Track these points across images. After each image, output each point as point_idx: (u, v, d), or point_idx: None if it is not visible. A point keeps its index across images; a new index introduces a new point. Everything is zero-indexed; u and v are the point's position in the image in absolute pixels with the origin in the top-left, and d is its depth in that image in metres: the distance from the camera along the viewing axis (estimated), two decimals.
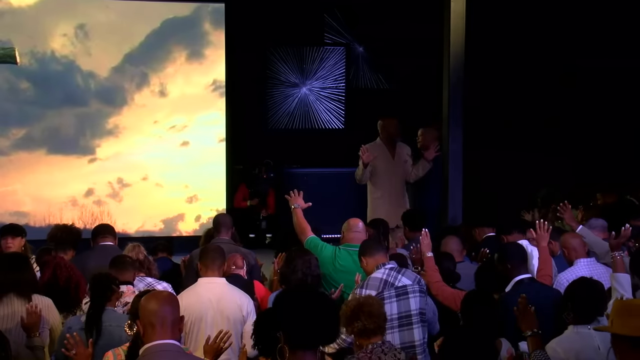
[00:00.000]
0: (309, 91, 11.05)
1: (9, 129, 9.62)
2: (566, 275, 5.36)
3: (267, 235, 10.36)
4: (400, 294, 4.94)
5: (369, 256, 5.12)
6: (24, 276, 4.96)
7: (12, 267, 4.97)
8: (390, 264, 5.07)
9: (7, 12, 9.52)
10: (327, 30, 11.10)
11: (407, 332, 4.90)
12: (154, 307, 3.38)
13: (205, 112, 10.16)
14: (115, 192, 9.96)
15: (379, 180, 8.12)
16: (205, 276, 5.21)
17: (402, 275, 5.00)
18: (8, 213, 9.53)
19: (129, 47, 9.90)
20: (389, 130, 8.24)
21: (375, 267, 5.05)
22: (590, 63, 10.58)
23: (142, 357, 3.35)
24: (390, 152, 8.21)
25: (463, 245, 6.15)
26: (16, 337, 4.66)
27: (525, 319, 4.22)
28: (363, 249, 5.20)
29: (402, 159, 8.22)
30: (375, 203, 8.12)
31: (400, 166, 8.20)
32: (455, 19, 7.55)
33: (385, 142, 8.24)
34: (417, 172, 8.19)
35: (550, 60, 10.62)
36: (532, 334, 4.14)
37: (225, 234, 6.36)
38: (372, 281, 4.99)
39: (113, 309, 4.78)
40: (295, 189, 6.27)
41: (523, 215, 8.30)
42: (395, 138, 8.25)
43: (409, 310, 4.94)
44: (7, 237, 6.35)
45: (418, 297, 4.98)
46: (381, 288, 4.92)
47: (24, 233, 6.48)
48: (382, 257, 5.11)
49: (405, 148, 8.29)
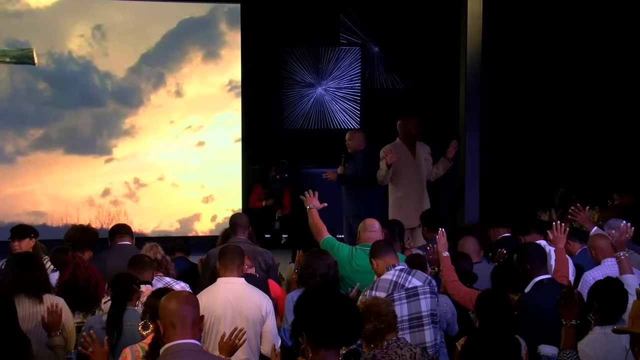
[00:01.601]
0: (325, 91, 11.06)
1: (26, 130, 9.68)
2: (593, 273, 5.34)
3: (283, 235, 10.38)
4: (411, 295, 4.92)
5: (379, 258, 5.11)
6: (34, 276, 4.95)
7: (21, 268, 4.97)
8: (401, 266, 5.07)
9: (25, 13, 9.59)
10: (343, 30, 11.11)
11: (418, 333, 4.88)
12: (174, 306, 3.39)
13: (221, 112, 10.19)
14: (132, 192, 10.01)
15: (400, 180, 8.13)
16: (224, 276, 5.20)
17: (412, 276, 4.99)
18: (26, 213, 9.59)
19: (145, 47, 9.95)
20: (409, 130, 8.25)
21: (385, 268, 5.04)
22: (607, 63, 10.53)
23: (163, 356, 3.36)
24: (410, 152, 8.22)
25: (480, 246, 6.13)
26: (35, 337, 4.67)
27: (568, 308, 4.07)
28: (373, 251, 5.19)
29: (423, 158, 8.23)
30: (396, 203, 8.12)
31: (421, 166, 8.21)
32: (472, 19, 7.54)
33: (405, 142, 8.24)
34: (438, 171, 8.21)
35: (566, 60, 10.57)
36: (571, 325, 4.02)
37: (242, 234, 6.35)
38: (381, 283, 4.98)
39: (134, 308, 4.81)
40: (311, 190, 6.28)
41: (540, 216, 8.29)
42: (415, 138, 8.27)
43: (419, 312, 4.92)
44: (14, 239, 6.35)
45: (429, 299, 4.96)
46: (391, 290, 4.90)
47: (32, 233, 6.45)
48: (392, 259, 5.10)
49: (425, 147, 8.30)
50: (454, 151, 8.08)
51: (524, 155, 10.48)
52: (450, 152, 8.08)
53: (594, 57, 10.57)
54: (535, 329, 4.69)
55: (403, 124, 8.32)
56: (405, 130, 8.26)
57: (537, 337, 4.63)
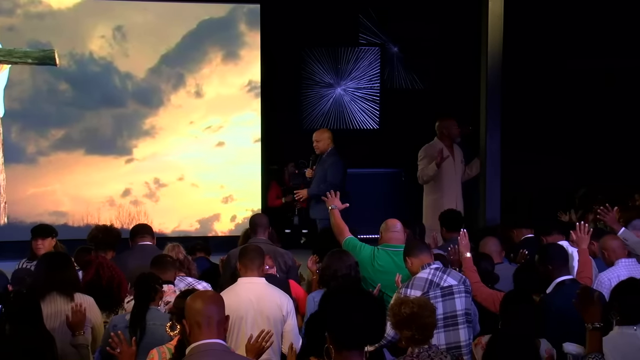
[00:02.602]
0: (344, 91, 11.06)
1: (48, 130, 9.75)
2: (607, 274, 5.32)
3: (303, 231, 10.36)
4: (446, 294, 4.93)
5: (414, 256, 5.12)
6: (66, 275, 5.02)
7: (54, 267, 5.03)
8: (436, 264, 5.07)
9: (47, 14, 9.66)
10: (362, 30, 11.11)
11: (452, 332, 4.89)
12: (199, 306, 3.39)
13: (240, 112, 10.22)
14: (152, 192, 10.06)
15: (439, 180, 8.14)
16: (245, 276, 5.22)
17: (447, 275, 5.00)
18: (47, 213, 9.66)
19: (165, 48, 9.99)
20: (450, 131, 8.28)
21: (421, 267, 5.05)
22: (628, 63, 10.47)
23: (188, 356, 3.37)
24: (450, 153, 8.23)
25: (502, 247, 6.11)
26: (61, 335, 4.72)
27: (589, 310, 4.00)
28: (408, 249, 5.20)
29: (460, 159, 8.25)
30: (433, 204, 8.13)
31: (459, 166, 8.25)
32: (493, 18, 7.51)
33: (445, 142, 8.25)
34: (470, 171, 8.23)
35: (588, 60, 10.51)
36: (594, 328, 3.96)
37: (262, 234, 6.38)
38: (417, 281, 4.98)
39: (156, 308, 4.83)
40: (332, 190, 6.28)
41: (560, 216, 8.25)
42: (455, 138, 8.27)
43: (454, 311, 4.93)
44: (38, 238, 6.41)
45: (464, 297, 4.97)
46: (426, 288, 4.91)
47: (54, 233, 6.52)
48: (427, 257, 5.10)
49: (459, 149, 8.32)
50: None
51: (543, 155, 10.44)
52: None
53: (615, 56, 10.51)
54: (557, 330, 4.67)
55: (443, 124, 8.32)
56: (446, 130, 8.28)
57: (559, 338, 4.61)
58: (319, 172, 8.20)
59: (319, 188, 8.06)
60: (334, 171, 8.13)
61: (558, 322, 4.71)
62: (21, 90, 9.66)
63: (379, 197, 10.02)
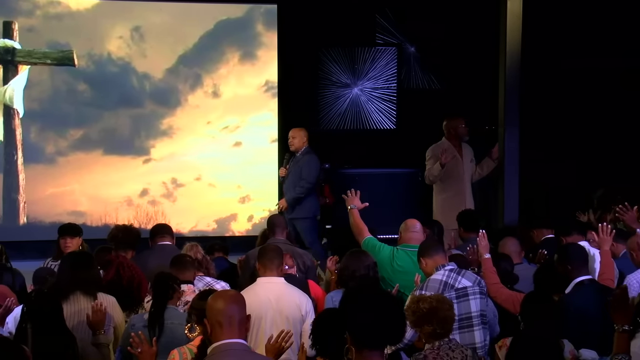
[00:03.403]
0: (361, 92, 11.05)
1: (67, 130, 9.81)
2: (636, 276, 5.28)
3: (326, 226, 10.35)
4: (461, 296, 4.91)
5: (428, 257, 5.11)
6: (89, 274, 5.04)
7: (78, 266, 5.06)
8: (450, 265, 5.05)
9: (66, 15, 9.72)
10: (379, 30, 11.09)
11: (467, 334, 4.87)
12: (221, 306, 3.40)
13: (257, 112, 10.24)
14: (170, 192, 10.09)
15: (447, 180, 8.12)
16: (264, 276, 5.24)
17: (462, 276, 4.98)
18: (66, 212, 9.71)
19: (182, 48, 10.03)
20: (458, 130, 8.24)
21: (435, 268, 5.03)
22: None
23: (210, 356, 3.38)
24: (458, 152, 8.19)
25: (521, 247, 6.09)
26: (82, 334, 4.74)
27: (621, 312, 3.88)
28: (422, 250, 5.19)
29: (469, 158, 8.22)
30: (442, 203, 8.10)
31: (468, 166, 8.21)
32: (512, 18, 7.48)
33: (452, 141, 8.21)
34: (482, 171, 8.19)
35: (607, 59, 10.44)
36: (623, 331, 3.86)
37: (280, 235, 6.40)
38: (431, 282, 4.97)
39: (175, 307, 4.85)
40: (352, 189, 6.28)
41: (578, 217, 8.20)
42: (463, 137, 8.24)
43: (469, 312, 4.91)
44: (66, 237, 6.47)
45: (478, 299, 4.95)
46: (441, 289, 4.89)
47: (81, 232, 6.59)
48: (441, 259, 5.09)
49: (470, 148, 8.28)
50: (498, 152, 8.04)
51: (560, 155, 10.38)
52: (495, 152, 8.05)
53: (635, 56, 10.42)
54: (576, 330, 4.64)
55: (451, 123, 8.28)
56: (453, 129, 8.24)
57: (578, 339, 4.58)
58: (294, 170, 8.15)
59: (296, 191, 8.05)
60: (308, 169, 8.11)
61: (577, 323, 4.69)
62: (40, 90, 9.72)
63: (396, 197, 9.98)
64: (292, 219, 8.19)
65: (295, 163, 8.15)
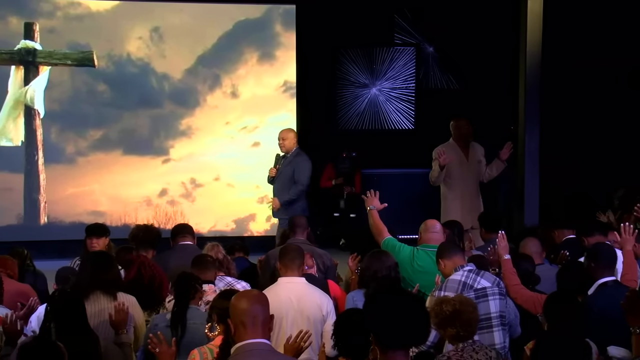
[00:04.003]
0: (379, 92, 11.04)
1: (87, 131, 9.88)
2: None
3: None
4: (480, 296, 4.88)
5: (447, 258, 5.08)
6: (109, 274, 5.05)
7: (98, 266, 5.08)
8: (469, 266, 5.03)
9: (86, 16, 9.79)
10: (397, 30, 11.08)
11: (487, 335, 4.83)
12: (245, 306, 3.39)
13: (276, 113, 10.26)
14: (188, 192, 10.14)
15: (452, 181, 8.03)
16: (285, 276, 5.24)
17: (481, 277, 4.95)
18: (86, 212, 9.78)
19: (201, 49, 10.07)
20: (461, 131, 8.15)
21: (454, 269, 5.02)
22: None
23: (233, 356, 3.37)
24: (463, 153, 8.12)
25: (542, 247, 6.05)
26: (103, 334, 4.76)
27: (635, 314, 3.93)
28: (441, 252, 5.17)
29: (476, 159, 8.11)
30: (448, 204, 8.03)
31: (474, 167, 8.09)
32: (532, 18, 7.44)
33: (458, 142, 8.14)
34: (491, 172, 8.08)
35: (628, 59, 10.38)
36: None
37: (300, 235, 6.40)
38: (450, 283, 4.95)
39: (197, 307, 4.86)
40: (371, 190, 6.27)
41: (598, 217, 8.15)
42: (468, 138, 8.16)
43: (488, 313, 4.87)
44: (92, 237, 6.50)
45: (498, 300, 4.91)
46: (460, 290, 4.87)
47: (108, 232, 6.62)
48: (460, 259, 5.07)
49: (479, 148, 8.18)
50: (508, 153, 7.96)
51: (579, 155, 10.33)
52: (504, 153, 7.96)
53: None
54: (599, 332, 4.60)
55: (455, 124, 8.22)
56: (457, 130, 8.16)
57: (602, 340, 4.55)
58: (286, 171, 8.11)
59: (290, 194, 8.02)
60: (301, 172, 8.05)
61: (600, 324, 4.65)
62: (61, 91, 9.80)
63: (414, 198, 9.97)
64: (283, 219, 8.15)
65: (287, 164, 8.10)
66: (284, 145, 8.15)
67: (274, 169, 8.16)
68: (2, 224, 9.65)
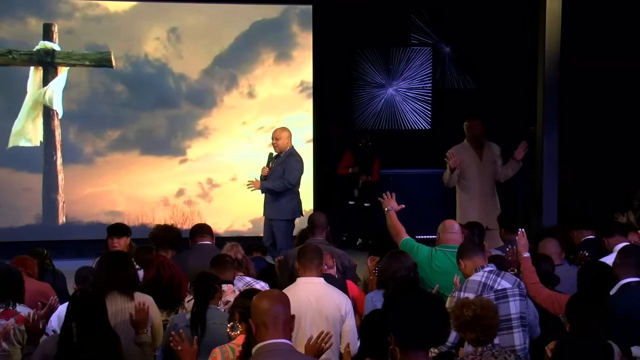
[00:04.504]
0: (396, 92, 11.04)
1: (104, 131, 9.93)
2: None
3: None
4: (500, 297, 4.86)
5: (468, 259, 5.07)
6: (126, 274, 5.06)
7: (114, 266, 5.09)
8: (490, 267, 5.01)
9: (104, 17, 9.84)
10: (414, 30, 11.07)
11: (507, 336, 4.81)
12: (266, 306, 3.39)
13: (292, 113, 10.27)
14: (205, 192, 10.17)
15: (467, 182, 7.99)
16: (304, 276, 5.24)
17: (501, 278, 4.93)
18: (104, 212, 9.83)
19: (218, 49, 10.10)
20: (473, 132, 8.11)
21: (474, 269, 5.00)
22: None
23: (255, 356, 3.38)
24: (477, 153, 8.08)
25: (562, 248, 6.02)
26: (122, 333, 4.77)
27: None
28: (461, 252, 5.15)
29: (491, 159, 8.06)
30: (464, 205, 8.00)
31: (488, 167, 8.04)
32: (551, 18, 7.40)
33: (472, 143, 8.11)
34: (507, 172, 8.03)
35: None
36: None
37: (319, 235, 6.40)
38: (470, 284, 4.93)
39: (216, 307, 4.87)
40: (388, 192, 6.26)
41: (617, 217, 8.10)
42: (481, 139, 8.12)
43: (508, 314, 4.85)
44: (113, 237, 6.53)
45: (518, 301, 4.89)
46: (480, 291, 4.85)
47: (129, 232, 6.65)
48: (480, 260, 5.05)
49: (495, 148, 8.13)
50: (522, 152, 7.90)
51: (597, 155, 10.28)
52: (519, 153, 7.90)
53: None
54: (622, 333, 4.58)
55: (468, 125, 8.19)
56: (470, 131, 8.12)
57: (624, 341, 4.52)
58: (278, 170, 8.08)
59: (274, 184, 7.99)
60: (290, 170, 8.02)
61: (623, 325, 4.62)
62: (79, 92, 9.85)
63: (431, 198, 9.97)
64: (271, 219, 8.14)
65: (279, 163, 8.09)
66: (278, 145, 8.11)
67: (266, 168, 8.13)
68: (21, 224, 9.72)
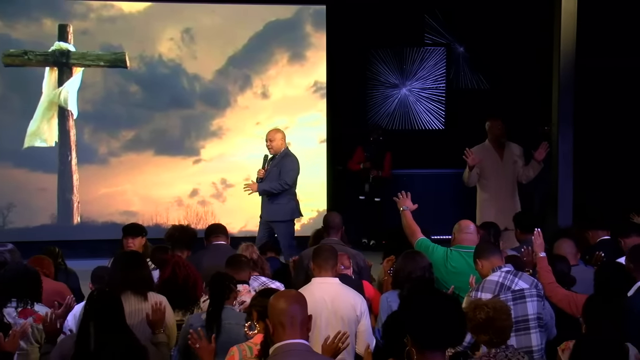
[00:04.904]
0: (409, 92, 11.02)
1: (119, 131, 9.97)
2: None
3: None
4: (517, 298, 4.85)
5: (485, 259, 5.06)
6: (140, 274, 5.05)
7: (127, 266, 5.09)
8: (507, 267, 5.00)
9: (119, 18, 9.88)
10: (428, 30, 11.06)
11: (524, 336, 4.80)
12: (283, 306, 3.40)
13: (306, 113, 10.28)
14: (219, 193, 10.19)
15: (487, 182, 8.00)
16: (319, 276, 5.24)
17: (518, 278, 4.92)
18: (118, 212, 9.87)
19: (232, 50, 10.12)
20: (494, 132, 8.11)
21: (491, 270, 4.99)
22: None
23: (272, 356, 3.39)
24: (498, 154, 8.07)
25: (577, 248, 6.00)
26: (139, 334, 4.78)
27: None
28: (478, 252, 5.14)
29: (512, 159, 8.05)
30: (483, 205, 8.00)
31: (509, 167, 8.04)
32: (566, 17, 7.37)
33: (492, 143, 8.11)
34: (529, 173, 8.02)
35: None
36: None
37: (334, 235, 6.40)
38: (487, 284, 4.92)
39: (231, 307, 4.88)
40: (403, 191, 6.26)
41: (633, 218, 8.06)
42: (501, 139, 8.12)
43: (525, 315, 4.84)
44: (128, 237, 6.54)
45: (535, 302, 4.88)
46: (497, 291, 4.84)
47: (144, 232, 6.66)
48: (498, 260, 5.04)
49: (516, 148, 8.12)
50: (543, 153, 7.88)
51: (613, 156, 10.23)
52: (540, 154, 7.88)
53: None
54: (639, 334, 4.56)
55: (489, 125, 8.20)
56: (490, 131, 8.14)
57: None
58: (273, 172, 8.06)
59: (271, 185, 7.98)
60: (286, 171, 8.00)
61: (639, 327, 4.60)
62: (93, 92, 9.90)
63: (445, 198, 9.95)
64: (270, 221, 8.13)
65: (274, 165, 8.07)
66: (272, 146, 8.09)
67: (262, 170, 8.12)
68: (36, 224, 9.77)
